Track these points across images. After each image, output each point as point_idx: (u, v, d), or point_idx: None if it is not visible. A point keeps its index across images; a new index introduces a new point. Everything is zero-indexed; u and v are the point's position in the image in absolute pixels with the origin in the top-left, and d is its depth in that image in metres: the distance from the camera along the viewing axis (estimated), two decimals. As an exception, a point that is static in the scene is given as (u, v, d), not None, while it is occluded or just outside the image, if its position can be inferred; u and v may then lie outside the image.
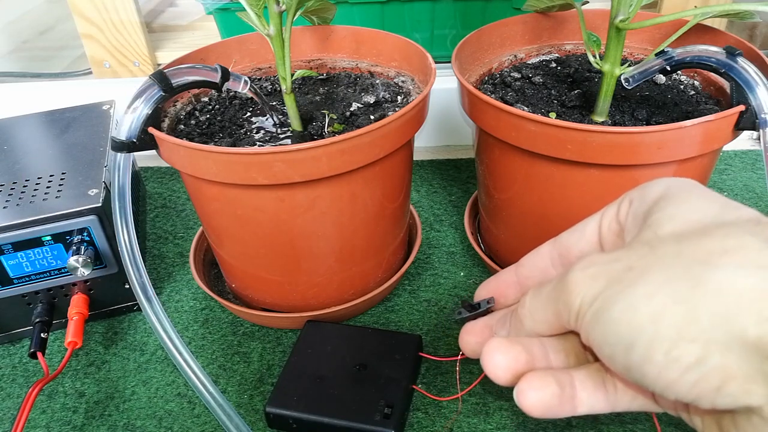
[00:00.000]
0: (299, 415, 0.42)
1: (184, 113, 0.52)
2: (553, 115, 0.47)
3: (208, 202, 0.47)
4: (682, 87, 0.51)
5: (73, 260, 0.48)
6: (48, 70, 0.94)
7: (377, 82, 0.55)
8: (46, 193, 0.50)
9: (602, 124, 0.46)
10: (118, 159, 0.44)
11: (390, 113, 0.48)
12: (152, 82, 0.44)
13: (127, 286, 0.53)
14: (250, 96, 0.54)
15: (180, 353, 0.42)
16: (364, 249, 0.49)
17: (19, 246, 0.48)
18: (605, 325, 0.23)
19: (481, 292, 0.34)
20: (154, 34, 0.89)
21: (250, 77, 0.50)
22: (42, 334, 0.48)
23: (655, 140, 0.39)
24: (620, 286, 0.23)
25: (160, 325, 0.42)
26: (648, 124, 0.46)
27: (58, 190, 0.51)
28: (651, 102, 0.49)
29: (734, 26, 0.87)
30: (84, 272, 0.49)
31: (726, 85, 0.49)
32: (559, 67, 0.55)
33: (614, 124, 0.46)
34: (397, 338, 0.48)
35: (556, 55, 0.58)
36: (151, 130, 0.43)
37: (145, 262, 0.50)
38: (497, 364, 0.27)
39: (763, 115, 0.40)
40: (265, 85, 0.57)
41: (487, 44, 0.55)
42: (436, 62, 0.49)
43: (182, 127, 0.50)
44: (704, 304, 0.21)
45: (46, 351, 0.50)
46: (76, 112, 0.63)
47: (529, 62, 0.57)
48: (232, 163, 0.40)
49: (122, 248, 0.43)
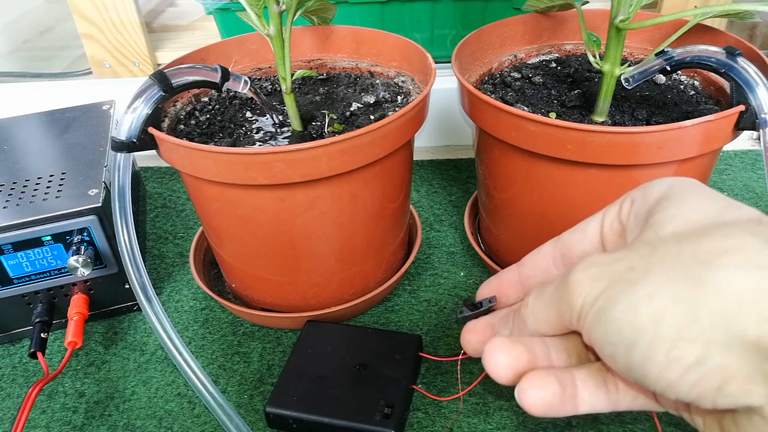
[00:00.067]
0: (299, 415, 0.42)
1: (184, 113, 0.52)
2: (553, 115, 0.47)
3: (208, 202, 0.47)
4: (682, 87, 0.51)
5: (73, 260, 0.48)
6: (48, 70, 0.94)
7: (377, 82, 0.55)
8: (46, 193, 0.50)
9: (602, 124, 0.46)
10: (118, 159, 0.44)
11: (390, 113, 0.48)
12: (152, 82, 0.44)
13: (127, 286, 0.53)
14: (250, 96, 0.54)
15: (180, 353, 0.42)
16: (364, 249, 0.49)
17: (19, 246, 0.48)
18: (607, 324, 0.23)
19: (483, 291, 0.34)
20: (154, 34, 0.89)
21: (250, 77, 0.50)
22: (42, 334, 0.48)
23: (655, 140, 0.39)
24: (622, 286, 0.23)
25: (160, 325, 0.42)
26: (648, 124, 0.46)
27: (58, 190, 0.51)
28: (651, 102, 0.49)
29: (734, 26, 0.87)
30: (84, 272, 0.49)
31: (726, 85, 0.49)
32: (559, 67, 0.55)
33: (614, 124, 0.46)
34: (397, 338, 0.48)
35: (556, 55, 0.58)
36: (151, 130, 0.43)
37: (145, 262, 0.50)
38: (499, 363, 0.27)
39: (763, 115, 0.40)
40: (265, 85, 0.57)
41: (487, 44, 0.55)
42: (436, 62, 0.49)
43: (182, 127, 0.50)
44: (704, 304, 0.21)
45: (46, 351, 0.50)
46: (76, 112, 0.63)
47: (529, 62, 0.57)
48: (232, 163, 0.40)
49: (122, 248, 0.43)
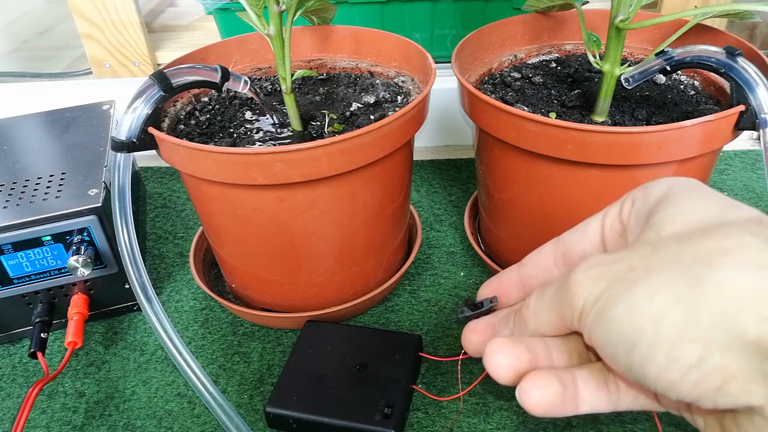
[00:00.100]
0: (299, 415, 0.42)
1: (184, 113, 0.52)
2: (553, 115, 0.47)
3: (208, 202, 0.47)
4: (682, 87, 0.51)
5: (73, 260, 0.48)
6: (48, 70, 0.94)
7: (377, 82, 0.55)
8: (46, 193, 0.50)
9: (602, 124, 0.46)
10: (118, 159, 0.44)
11: (390, 113, 0.48)
12: (152, 82, 0.44)
13: (127, 286, 0.53)
14: (250, 96, 0.54)
15: (180, 353, 0.42)
16: (364, 249, 0.49)
17: (19, 246, 0.48)
18: (607, 325, 0.23)
19: (484, 291, 0.34)
20: (154, 34, 0.89)
21: (250, 77, 0.50)
22: (42, 334, 0.48)
23: (655, 140, 0.39)
24: (622, 287, 0.23)
25: (160, 325, 0.42)
26: (648, 124, 0.46)
27: (58, 190, 0.51)
28: (651, 102, 0.49)
29: (734, 26, 0.87)
30: (84, 272, 0.49)
31: (726, 85, 0.49)
32: (559, 67, 0.55)
33: (614, 124, 0.46)
34: (397, 338, 0.48)
35: (556, 55, 0.58)
36: (151, 130, 0.43)
37: (145, 262, 0.50)
38: (500, 363, 0.27)
39: (763, 115, 0.40)
40: (265, 85, 0.57)
41: (487, 44, 0.55)
42: (436, 62, 0.49)
43: (182, 127, 0.50)
44: (705, 304, 0.21)
45: (46, 351, 0.50)
46: (76, 112, 0.63)
47: (529, 62, 0.57)
48: (232, 163, 0.40)
49: (122, 248, 0.43)
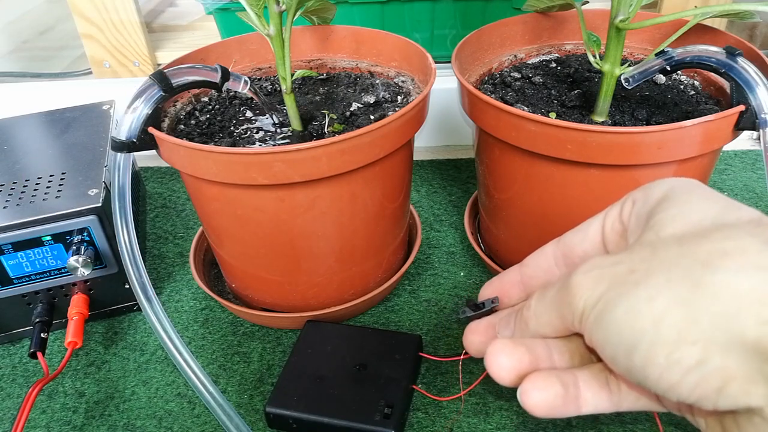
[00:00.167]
0: (299, 415, 0.42)
1: (184, 113, 0.52)
2: (553, 115, 0.47)
3: (208, 202, 0.47)
4: (682, 87, 0.51)
5: (73, 260, 0.48)
6: (48, 70, 0.94)
7: (377, 82, 0.55)
8: (46, 193, 0.50)
9: (602, 124, 0.46)
10: (118, 159, 0.44)
11: (390, 113, 0.48)
12: (152, 82, 0.44)
13: (127, 286, 0.53)
14: (250, 96, 0.54)
15: (180, 353, 0.42)
16: (364, 249, 0.49)
17: (19, 246, 0.48)
18: (607, 327, 0.23)
19: (486, 292, 0.34)
20: (154, 34, 0.89)
21: (250, 77, 0.50)
22: (42, 334, 0.48)
23: (655, 140, 0.39)
24: (622, 289, 0.23)
25: (160, 325, 0.42)
26: (648, 124, 0.46)
27: (58, 190, 0.51)
28: (651, 102, 0.49)
29: (734, 26, 0.86)
30: (84, 272, 0.49)
31: (726, 85, 0.49)
32: (559, 67, 0.55)
33: (614, 124, 0.46)
34: (397, 338, 0.48)
35: (556, 55, 0.58)
36: (151, 130, 0.43)
37: (145, 262, 0.50)
38: (501, 365, 0.27)
39: (763, 115, 0.40)
40: (265, 85, 0.57)
41: (487, 44, 0.55)
42: (436, 62, 0.49)
43: (182, 127, 0.50)
44: (704, 306, 0.21)
45: (46, 351, 0.50)
46: (76, 112, 0.63)
47: (529, 62, 0.57)
48: (232, 163, 0.40)
49: (122, 248, 0.43)
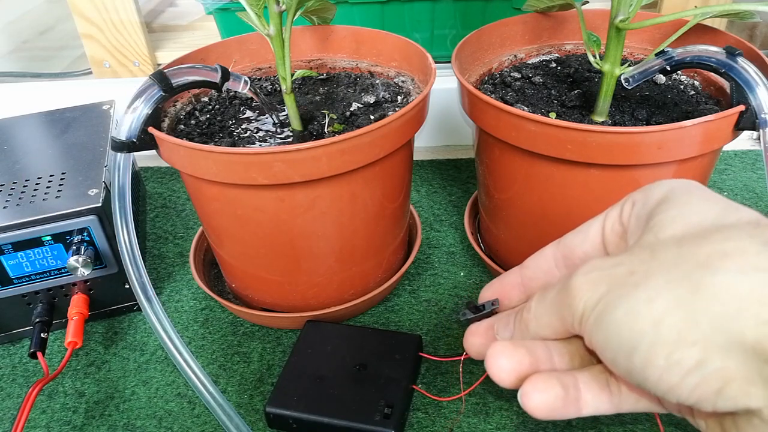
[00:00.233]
0: (299, 415, 0.42)
1: (184, 113, 0.52)
2: (553, 115, 0.47)
3: (208, 202, 0.47)
4: (682, 87, 0.51)
5: (73, 260, 0.48)
6: (48, 70, 0.94)
7: (377, 82, 0.55)
8: (46, 193, 0.50)
9: (602, 124, 0.46)
10: (118, 159, 0.44)
11: (390, 113, 0.48)
12: (152, 82, 0.44)
13: (127, 286, 0.53)
14: (250, 96, 0.54)
15: (180, 353, 0.42)
16: (364, 249, 0.49)
17: (19, 246, 0.48)
18: (607, 328, 0.23)
19: (486, 294, 0.34)
20: (154, 34, 0.89)
21: (250, 77, 0.50)
22: (42, 334, 0.48)
23: (655, 140, 0.39)
24: (622, 291, 0.23)
25: (160, 325, 0.42)
26: (648, 124, 0.46)
27: (58, 190, 0.51)
28: (651, 102, 0.49)
29: (734, 26, 0.86)
30: (84, 272, 0.49)
31: (726, 85, 0.49)
32: (559, 67, 0.55)
33: (614, 124, 0.46)
34: (397, 338, 0.48)
35: (556, 55, 0.58)
36: (151, 130, 0.43)
37: (145, 262, 0.50)
38: (502, 367, 0.27)
39: (763, 115, 0.40)
40: (265, 85, 0.57)
41: (487, 44, 0.55)
42: (436, 62, 0.49)
43: (182, 127, 0.50)
44: (703, 307, 0.21)
45: (46, 351, 0.50)
46: (76, 112, 0.63)
47: (529, 62, 0.57)
48: (232, 163, 0.40)
49: (122, 248, 0.43)
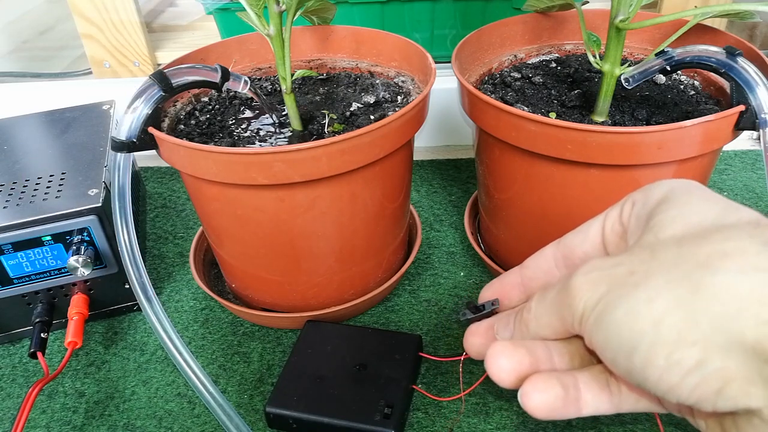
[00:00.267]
0: (299, 415, 0.42)
1: (184, 113, 0.52)
2: (553, 115, 0.47)
3: (208, 202, 0.47)
4: (682, 87, 0.51)
5: (73, 260, 0.48)
6: (48, 70, 0.93)
7: (377, 82, 0.55)
8: (46, 193, 0.50)
9: (602, 124, 0.46)
10: (118, 159, 0.44)
11: (390, 113, 0.48)
12: (152, 82, 0.44)
13: (127, 286, 0.53)
14: (250, 96, 0.54)
15: (180, 353, 0.42)
16: (364, 249, 0.49)
17: (19, 246, 0.48)
18: (607, 328, 0.23)
19: (486, 294, 0.34)
20: (154, 34, 0.89)
21: (250, 77, 0.50)
22: (42, 334, 0.48)
23: (655, 140, 0.39)
24: (622, 291, 0.23)
25: (160, 325, 0.42)
26: (648, 124, 0.46)
27: (58, 190, 0.51)
28: (651, 102, 0.49)
29: (734, 26, 0.86)
30: (84, 272, 0.49)
31: (726, 85, 0.49)
32: (559, 67, 0.55)
33: (614, 124, 0.46)
34: (397, 338, 0.48)
35: (556, 55, 0.58)
36: (151, 130, 0.43)
37: (145, 262, 0.50)
38: (502, 367, 0.27)
39: (763, 115, 0.40)
40: (265, 85, 0.57)
41: (487, 44, 0.55)
42: (436, 62, 0.49)
43: (182, 127, 0.50)
44: (704, 307, 0.21)
45: (46, 351, 0.50)
46: (76, 112, 0.63)
47: (529, 62, 0.57)
48: (232, 163, 0.40)
49: (122, 248, 0.43)
